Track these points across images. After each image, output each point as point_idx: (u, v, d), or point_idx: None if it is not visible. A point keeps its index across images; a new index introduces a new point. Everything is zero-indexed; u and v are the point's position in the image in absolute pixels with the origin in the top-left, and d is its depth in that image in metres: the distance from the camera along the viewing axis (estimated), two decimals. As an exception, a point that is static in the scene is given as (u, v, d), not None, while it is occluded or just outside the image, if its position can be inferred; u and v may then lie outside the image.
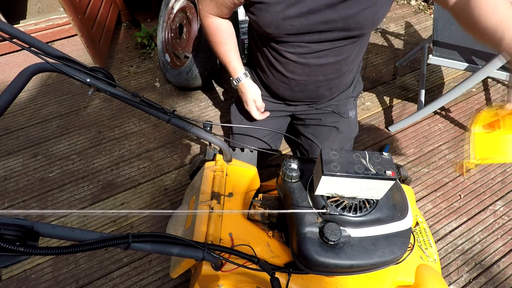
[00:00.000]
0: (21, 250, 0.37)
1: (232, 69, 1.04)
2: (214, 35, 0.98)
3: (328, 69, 0.96)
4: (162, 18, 1.83)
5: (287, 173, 0.69)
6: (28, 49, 0.57)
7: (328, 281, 0.71)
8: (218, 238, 0.71)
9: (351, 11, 0.78)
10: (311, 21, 0.80)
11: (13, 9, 2.29)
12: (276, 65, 0.99)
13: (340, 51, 0.91)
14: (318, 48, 0.88)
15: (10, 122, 1.69)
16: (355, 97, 1.23)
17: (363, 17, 0.80)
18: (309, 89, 1.04)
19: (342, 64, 0.97)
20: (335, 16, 0.79)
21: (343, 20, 0.80)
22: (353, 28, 0.83)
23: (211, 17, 0.94)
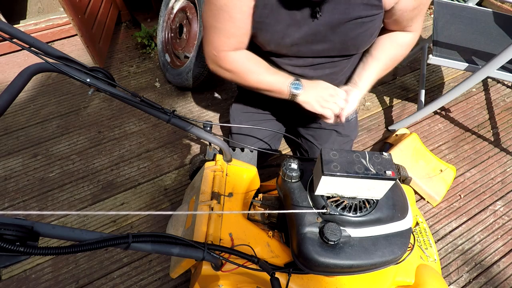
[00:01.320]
0: (21, 250, 0.37)
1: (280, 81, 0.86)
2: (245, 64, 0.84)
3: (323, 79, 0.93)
4: (162, 18, 1.83)
5: (287, 173, 0.69)
6: (28, 49, 0.57)
7: (328, 281, 0.71)
8: (218, 238, 0.71)
9: (351, 34, 0.78)
10: (310, 40, 0.80)
11: (13, 9, 2.29)
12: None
13: (336, 64, 0.92)
14: (314, 61, 0.89)
15: (10, 122, 1.69)
16: None
17: (361, 40, 0.81)
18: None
19: (338, 75, 0.97)
20: (334, 38, 0.79)
21: (342, 42, 0.81)
22: (351, 49, 0.84)
23: (231, 52, 0.83)
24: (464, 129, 1.69)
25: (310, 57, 0.87)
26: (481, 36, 1.48)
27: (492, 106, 1.81)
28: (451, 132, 1.67)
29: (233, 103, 1.27)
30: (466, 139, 1.65)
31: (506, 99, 1.85)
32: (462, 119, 1.74)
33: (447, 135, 1.66)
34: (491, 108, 1.80)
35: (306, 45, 0.82)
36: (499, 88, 1.91)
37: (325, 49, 0.83)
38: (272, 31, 0.79)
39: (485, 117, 1.75)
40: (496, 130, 1.69)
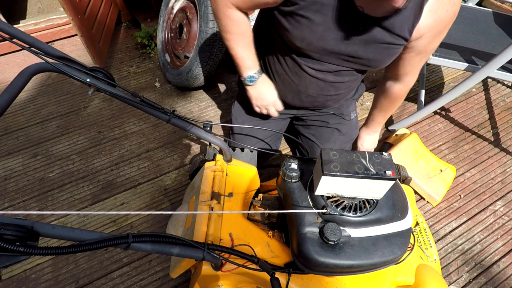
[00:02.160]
0: (21, 250, 0.37)
1: (245, 64, 0.95)
2: (234, 27, 0.89)
3: (342, 85, 0.99)
4: (162, 18, 1.83)
5: (287, 173, 0.69)
6: (28, 49, 0.57)
7: (328, 281, 0.71)
8: (218, 238, 0.70)
9: (377, 56, 0.82)
10: (342, 50, 0.82)
11: (13, 9, 2.29)
12: (291, 76, 0.96)
13: (354, 74, 0.95)
14: (338, 68, 0.90)
15: (10, 122, 1.69)
16: (355, 100, 1.24)
17: (383, 62, 0.85)
18: (318, 101, 1.04)
19: (354, 82, 1.01)
20: (363, 54, 0.82)
21: (369, 61, 0.84)
22: (372, 67, 0.88)
23: (233, 8, 0.85)
24: (464, 129, 1.69)
25: (334, 64, 0.88)
26: (481, 36, 1.48)
27: (492, 106, 1.81)
28: (451, 132, 1.67)
29: (235, 101, 1.26)
30: (466, 139, 1.65)
31: (506, 99, 1.85)
32: (462, 119, 1.74)
33: (447, 135, 1.66)
34: (491, 108, 1.80)
35: (337, 54, 0.84)
36: (499, 88, 1.91)
37: (351, 61, 0.86)
38: (311, 29, 0.78)
39: (485, 117, 1.75)
40: (496, 130, 1.69)
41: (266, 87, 1.00)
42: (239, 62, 0.95)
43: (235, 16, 0.87)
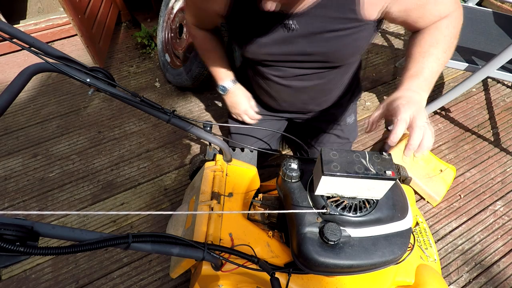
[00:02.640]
0: (21, 250, 0.37)
1: (218, 76, 1.01)
2: (202, 44, 0.98)
3: (312, 91, 0.94)
4: (162, 18, 1.83)
5: (287, 173, 0.69)
6: (28, 49, 0.57)
7: (328, 281, 0.71)
8: (218, 238, 0.70)
9: (331, 47, 0.75)
10: (286, 51, 0.78)
11: (13, 9, 2.29)
12: (262, 84, 0.97)
13: (322, 75, 0.88)
14: (300, 72, 0.86)
15: (10, 122, 1.69)
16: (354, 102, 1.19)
17: (344, 52, 0.77)
18: (297, 105, 1.02)
19: (326, 85, 0.93)
20: (312, 50, 0.76)
21: (322, 55, 0.77)
22: (334, 61, 0.80)
23: (196, 27, 0.94)
24: (464, 129, 1.69)
25: (293, 68, 0.85)
26: (481, 36, 1.48)
27: (492, 106, 1.80)
28: (451, 132, 1.67)
29: None
30: (466, 139, 1.65)
31: (506, 99, 1.85)
32: (462, 119, 1.74)
33: (447, 135, 1.66)
34: (491, 108, 1.80)
35: (285, 56, 0.80)
36: (499, 88, 1.91)
37: (305, 60, 0.81)
38: (249, 37, 0.78)
39: (485, 117, 1.75)
40: (496, 130, 1.69)
41: (238, 97, 1.05)
42: (212, 73, 1.04)
43: (199, 34, 0.95)
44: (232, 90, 1.04)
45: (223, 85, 1.02)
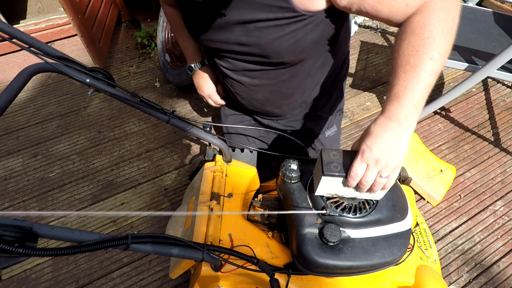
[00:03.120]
0: (20, 251, 0.37)
1: (187, 55, 1.00)
2: (171, 20, 0.96)
3: (265, 90, 0.89)
4: (162, 18, 1.83)
5: (287, 173, 0.68)
6: (27, 49, 0.57)
7: (328, 282, 0.71)
8: (217, 239, 0.70)
9: (265, 38, 0.69)
10: (224, 39, 0.74)
11: (13, 9, 2.29)
12: (219, 75, 0.96)
13: (270, 74, 0.82)
14: (247, 66, 0.82)
15: (10, 122, 1.69)
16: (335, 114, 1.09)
17: (279, 46, 0.70)
18: (255, 105, 0.97)
19: (280, 86, 0.87)
20: (247, 40, 0.71)
21: (258, 47, 0.72)
22: (272, 56, 0.74)
23: (165, 3, 0.92)
24: (464, 129, 1.69)
25: (239, 61, 0.81)
26: (481, 36, 1.47)
27: (492, 106, 1.80)
28: (451, 132, 1.67)
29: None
30: (466, 139, 1.65)
31: (506, 99, 1.85)
32: (462, 119, 1.73)
33: (447, 135, 1.66)
34: (491, 108, 1.80)
35: (225, 45, 0.77)
36: (499, 88, 1.91)
37: (243, 51, 0.76)
38: (191, 19, 0.77)
39: (485, 117, 1.75)
40: (496, 130, 1.69)
41: (204, 79, 1.04)
42: (183, 52, 1.02)
43: (169, 10, 0.93)
44: (199, 71, 1.02)
45: (190, 65, 1.01)
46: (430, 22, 0.53)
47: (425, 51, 0.52)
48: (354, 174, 0.54)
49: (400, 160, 0.54)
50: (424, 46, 0.52)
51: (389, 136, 0.53)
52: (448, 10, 0.53)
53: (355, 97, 1.84)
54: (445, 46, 0.53)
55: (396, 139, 0.53)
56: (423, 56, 0.52)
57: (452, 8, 0.53)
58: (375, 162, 0.53)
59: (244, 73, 0.85)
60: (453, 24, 0.53)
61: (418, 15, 0.54)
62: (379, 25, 2.32)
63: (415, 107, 0.53)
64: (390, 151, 0.53)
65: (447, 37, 0.53)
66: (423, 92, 0.53)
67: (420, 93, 0.53)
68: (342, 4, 0.60)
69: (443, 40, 0.52)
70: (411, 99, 0.53)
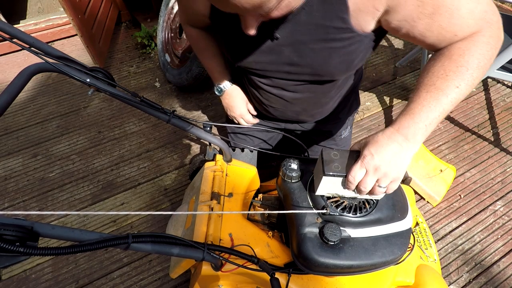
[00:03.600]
0: (21, 251, 0.37)
1: (214, 76, 0.98)
2: (196, 42, 0.94)
3: (304, 103, 0.89)
4: (162, 18, 1.83)
5: (287, 173, 0.68)
6: (28, 49, 0.57)
7: (328, 281, 0.71)
8: (218, 238, 0.70)
9: (318, 59, 0.69)
10: (273, 60, 0.73)
11: (13, 9, 2.29)
12: (253, 91, 0.94)
13: (315, 89, 0.83)
14: (291, 83, 0.81)
15: (10, 122, 1.69)
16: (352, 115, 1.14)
17: (332, 65, 0.70)
18: (289, 115, 0.97)
19: (320, 97, 0.88)
20: (299, 60, 0.71)
21: (310, 67, 0.72)
22: (323, 75, 0.74)
23: (189, 26, 0.90)
24: (464, 129, 1.69)
25: (283, 80, 0.80)
26: (481, 36, 1.47)
27: (492, 106, 1.80)
28: (451, 132, 1.67)
29: None
30: (466, 139, 1.65)
31: (506, 99, 1.85)
32: (462, 119, 1.73)
33: (447, 135, 1.66)
34: (491, 108, 1.80)
35: (272, 65, 0.76)
36: (499, 88, 1.91)
37: (293, 71, 0.76)
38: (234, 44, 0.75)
39: (485, 117, 1.75)
40: (496, 130, 1.69)
41: (234, 99, 1.01)
42: (209, 73, 1.01)
43: (193, 32, 0.91)
44: (229, 91, 1.00)
45: (220, 86, 0.99)
46: (470, 53, 0.53)
47: (454, 77, 0.52)
48: (352, 178, 0.55)
49: (401, 173, 0.55)
50: (456, 73, 0.53)
51: (394, 148, 0.54)
52: (490, 46, 0.53)
53: (355, 97, 1.85)
54: (474, 79, 0.53)
55: (400, 151, 0.54)
56: (450, 82, 0.52)
57: (494, 46, 0.54)
58: (374, 169, 0.54)
59: (286, 88, 0.84)
60: (489, 62, 0.54)
61: (461, 43, 0.54)
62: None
63: (426, 127, 0.53)
64: (391, 161, 0.53)
65: (479, 72, 0.53)
66: (438, 115, 0.53)
67: (435, 115, 0.53)
68: (392, 25, 0.60)
69: (475, 73, 0.53)
70: (425, 119, 0.53)
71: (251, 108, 1.06)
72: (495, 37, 0.54)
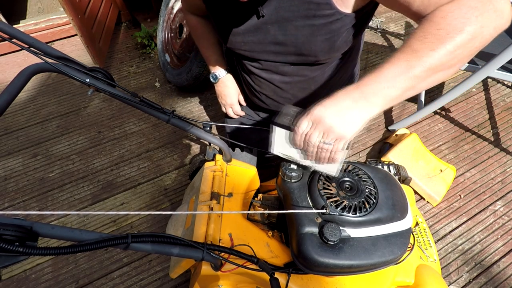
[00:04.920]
0: (20, 251, 0.37)
1: (210, 63, 1.02)
2: (194, 30, 0.98)
3: (294, 87, 0.89)
4: (162, 18, 1.83)
5: (287, 173, 0.68)
6: (27, 49, 0.57)
7: (328, 281, 0.71)
8: (217, 238, 0.70)
9: (301, 37, 0.70)
10: (260, 39, 0.75)
11: (13, 9, 2.29)
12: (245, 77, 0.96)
13: (303, 71, 0.83)
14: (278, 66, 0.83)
15: (10, 122, 1.69)
16: None
17: (315, 44, 0.71)
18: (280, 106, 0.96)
19: (310, 83, 0.88)
20: (284, 39, 0.72)
21: (295, 46, 0.73)
22: (307, 55, 0.75)
23: (190, 13, 0.94)
24: (464, 129, 1.69)
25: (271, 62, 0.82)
26: (481, 36, 1.47)
27: (492, 106, 1.80)
28: (451, 132, 1.67)
29: None
30: (466, 139, 1.65)
31: (506, 99, 1.85)
32: (462, 119, 1.73)
33: (447, 135, 1.66)
34: (491, 108, 1.80)
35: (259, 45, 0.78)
36: (499, 88, 1.91)
37: (279, 51, 0.77)
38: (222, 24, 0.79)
39: (485, 117, 1.75)
40: (496, 130, 1.69)
41: (227, 88, 1.05)
42: (205, 61, 1.04)
43: (192, 19, 0.95)
44: (223, 79, 1.03)
45: (215, 73, 1.03)
46: (453, 15, 0.48)
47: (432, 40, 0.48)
48: (297, 128, 0.53)
49: (347, 131, 0.52)
50: (434, 36, 0.48)
51: (346, 103, 0.51)
52: (479, 12, 0.47)
53: (355, 97, 1.84)
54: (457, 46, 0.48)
55: (351, 108, 0.51)
56: (427, 44, 0.48)
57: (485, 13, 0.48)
58: (319, 121, 0.52)
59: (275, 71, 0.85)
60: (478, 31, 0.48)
61: (446, 5, 0.49)
62: (379, 25, 2.32)
63: (388, 89, 0.49)
64: (339, 115, 0.51)
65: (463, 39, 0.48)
66: (405, 80, 0.49)
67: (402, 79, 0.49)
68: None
69: (458, 38, 0.47)
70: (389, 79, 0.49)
71: (242, 100, 1.09)
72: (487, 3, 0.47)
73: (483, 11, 0.47)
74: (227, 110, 1.10)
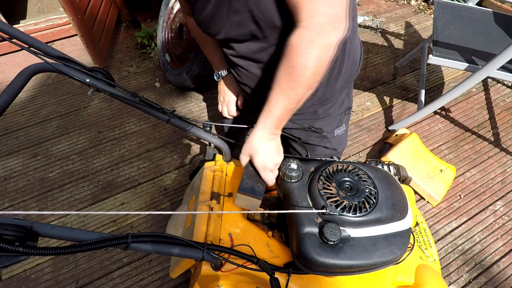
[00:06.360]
0: (20, 250, 0.37)
1: (213, 63, 1.05)
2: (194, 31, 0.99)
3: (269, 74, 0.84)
4: (162, 18, 1.83)
5: (287, 173, 0.68)
6: (27, 49, 0.57)
7: (328, 281, 0.71)
8: (217, 238, 0.70)
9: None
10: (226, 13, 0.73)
11: (13, 9, 2.29)
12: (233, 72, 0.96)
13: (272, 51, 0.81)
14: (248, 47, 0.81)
15: (10, 122, 1.69)
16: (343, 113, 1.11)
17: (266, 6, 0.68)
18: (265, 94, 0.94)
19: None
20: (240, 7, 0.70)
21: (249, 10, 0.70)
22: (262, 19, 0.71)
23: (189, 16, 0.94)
24: (464, 129, 1.69)
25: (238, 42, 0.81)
26: (481, 36, 1.47)
27: (492, 106, 1.80)
28: (451, 132, 1.67)
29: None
30: (466, 139, 1.65)
31: (506, 99, 1.85)
32: (462, 119, 1.73)
33: (447, 135, 1.66)
34: (491, 108, 1.80)
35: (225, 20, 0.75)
36: (499, 88, 1.91)
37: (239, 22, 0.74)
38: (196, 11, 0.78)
39: (485, 117, 1.75)
40: (496, 130, 1.69)
41: (229, 87, 1.09)
42: (210, 62, 1.08)
43: (190, 21, 0.95)
44: (226, 78, 1.07)
45: (218, 72, 1.06)
46: (297, 49, 0.61)
47: (285, 73, 0.65)
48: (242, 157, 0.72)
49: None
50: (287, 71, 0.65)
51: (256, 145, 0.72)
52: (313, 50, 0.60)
53: (355, 97, 1.84)
54: (296, 79, 0.63)
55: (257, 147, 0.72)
56: (285, 79, 0.67)
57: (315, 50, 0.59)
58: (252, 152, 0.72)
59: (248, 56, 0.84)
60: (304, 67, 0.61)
61: (299, 29, 0.61)
62: (379, 25, 2.32)
63: (276, 123, 0.73)
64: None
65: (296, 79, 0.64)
66: (286, 112, 0.70)
67: (284, 112, 0.70)
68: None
69: (293, 77, 0.64)
70: (275, 115, 0.71)
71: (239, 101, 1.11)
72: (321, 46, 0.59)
73: (316, 52, 0.60)
74: (223, 108, 1.13)
